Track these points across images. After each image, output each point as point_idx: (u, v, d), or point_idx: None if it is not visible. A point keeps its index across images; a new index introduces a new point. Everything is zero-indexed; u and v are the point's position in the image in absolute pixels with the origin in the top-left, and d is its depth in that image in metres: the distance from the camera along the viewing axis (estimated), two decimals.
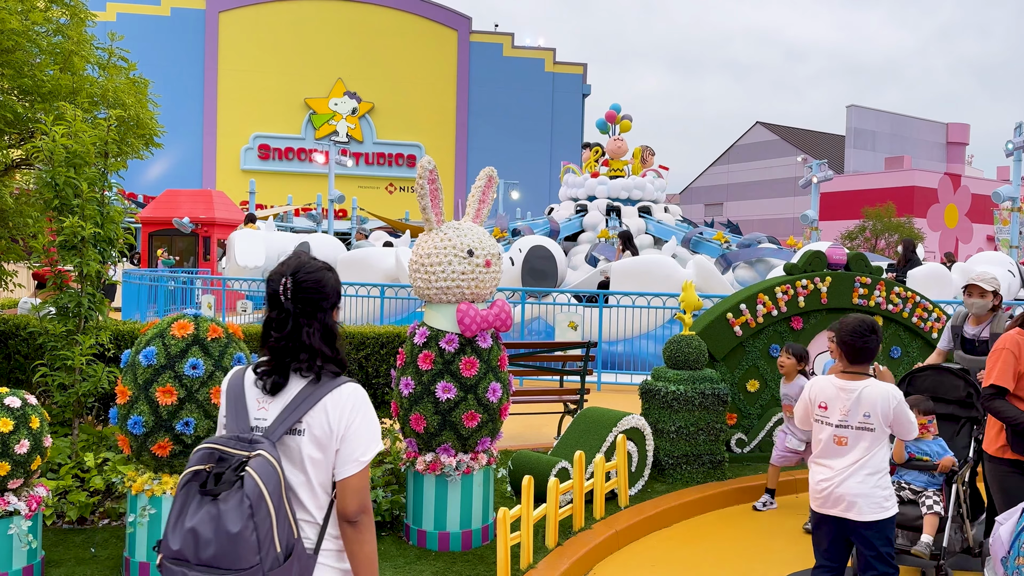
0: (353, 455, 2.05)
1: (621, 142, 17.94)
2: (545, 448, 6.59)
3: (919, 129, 49.12)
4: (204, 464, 1.96)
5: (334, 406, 2.05)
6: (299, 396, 2.07)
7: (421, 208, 4.48)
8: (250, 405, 2.12)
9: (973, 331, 5.20)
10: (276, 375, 2.09)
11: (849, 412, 3.55)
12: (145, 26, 38.07)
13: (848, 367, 3.64)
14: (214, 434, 2.63)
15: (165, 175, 37.31)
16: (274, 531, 1.91)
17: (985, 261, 15.19)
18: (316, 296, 2.12)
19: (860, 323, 3.60)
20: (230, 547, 1.86)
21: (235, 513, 1.87)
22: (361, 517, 2.07)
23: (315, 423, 2.04)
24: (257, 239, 15.39)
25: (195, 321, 4.18)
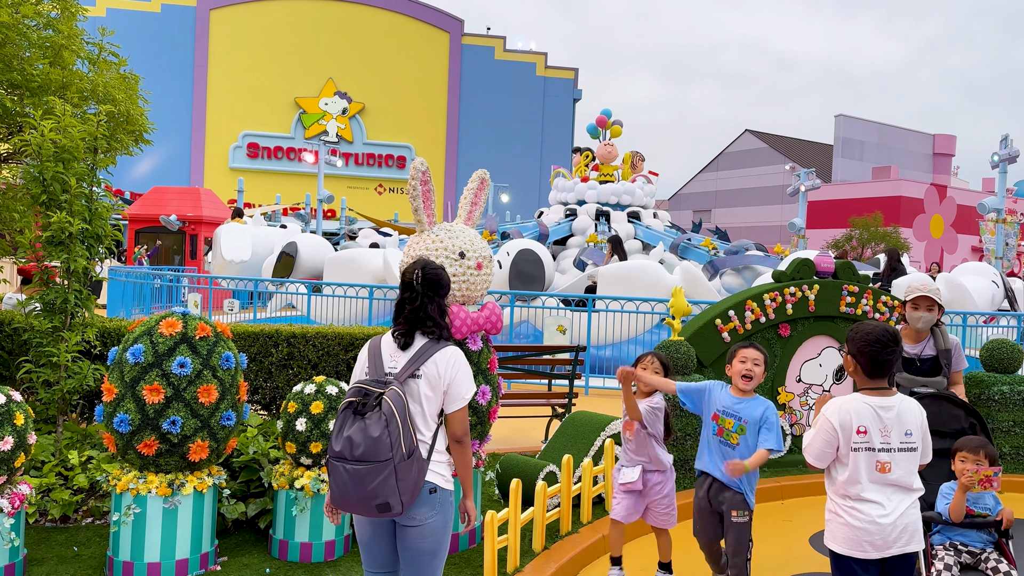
0: (459, 394, 3.01)
1: (611, 147, 17.99)
2: (533, 452, 6.58)
3: (906, 140, 49.52)
4: (356, 397, 2.89)
5: (442, 361, 2.99)
6: (419, 352, 3.00)
7: (413, 209, 4.47)
8: (384, 358, 3.05)
9: (914, 349, 4.84)
10: (406, 336, 3.04)
11: (891, 432, 3.13)
12: (135, 22, 37.86)
13: (868, 383, 3.20)
14: (202, 432, 4.06)
15: (153, 172, 37.10)
16: (401, 438, 2.81)
17: (969, 271, 15.29)
18: (436, 284, 3.09)
19: (882, 332, 3.16)
20: (373, 447, 2.79)
21: (376, 425, 2.80)
22: (463, 438, 3.05)
23: (428, 372, 2.98)
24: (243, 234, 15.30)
25: (183, 319, 4.15)
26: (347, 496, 2.85)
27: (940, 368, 4.82)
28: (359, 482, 2.81)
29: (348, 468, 2.82)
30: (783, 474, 6.69)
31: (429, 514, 2.95)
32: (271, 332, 5.69)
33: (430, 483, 2.95)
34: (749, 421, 3.98)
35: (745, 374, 4.03)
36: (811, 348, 7.10)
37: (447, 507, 3.03)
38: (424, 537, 2.96)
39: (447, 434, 3.05)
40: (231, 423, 4.23)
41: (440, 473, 3.01)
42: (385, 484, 2.80)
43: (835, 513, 3.20)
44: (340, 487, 2.85)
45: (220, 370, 4.15)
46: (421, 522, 2.94)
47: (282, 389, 5.70)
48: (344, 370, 5.74)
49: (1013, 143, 21.91)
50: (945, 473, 4.02)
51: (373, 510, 2.85)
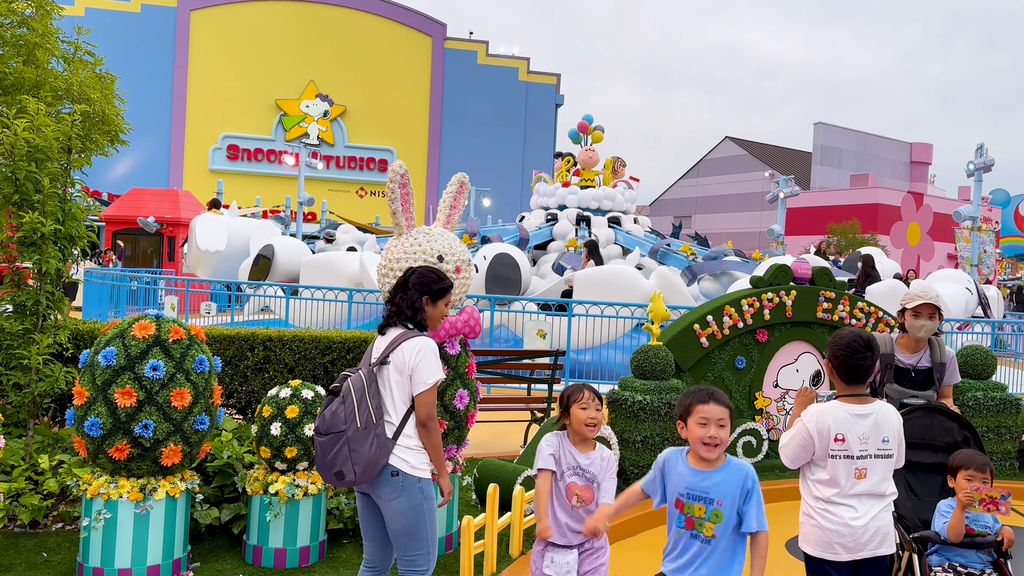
0: (421, 379, 3.26)
1: (592, 152, 18.05)
2: (511, 456, 6.56)
3: (884, 148, 50.08)
4: (340, 382, 3.29)
5: (408, 348, 3.29)
6: (392, 341, 3.34)
7: (391, 212, 4.45)
8: (374, 349, 3.41)
9: (910, 360, 4.53)
10: (385, 327, 3.44)
11: (868, 439, 3.17)
12: (114, 22, 37.50)
13: (845, 389, 3.26)
14: (175, 436, 4.03)
15: (131, 173, 36.73)
16: (356, 413, 3.18)
17: (943, 278, 15.44)
18: (419, 281, 3.46)
19: (856, 338, 3.21)
20: (331, 420, 3.19)
21: (338, 402, 3.21)
22: (428, 422, 3.28)
23: (395, 358, 3.29)
24: (219, 224, 15.13)
25: (157, 322, 4.10)
26: (320, 464, 3.24)
27: (933, 381, 4.57)
28: (322, 452, 3.20)
29: (317, 440, 3.24)
30: (761, 479, 6.70)
31: (392, 495, 3.21)
32: (247, 335, 5.64)
33: (392, 466, 3.22)
34: (725, 501, 2.91)
35: (707, 441, 2.89)
36: (788, 353, 7.15)
37: (413, 492, 3.24)
38: (395, 518, 3.25)
39: (415, 416, 3.30)
40: (204, 427, 4.18)
41: (404, 459, 3.25)
42: (339, 454, 3.16)
43: (808, 515, 3.25)
44: (316, 457, 3.26)
45: (194, 373, 4.10)
46: (387, 502, 3.23)
47: (258, 393, 5.64)
48: (321, 374, 5.69)
49: (988, 152, 22.21)
50: (938, 489, 3.90)
51: (332, 478, 3.20)
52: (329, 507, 4.81)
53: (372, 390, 3.25)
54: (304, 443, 4.38)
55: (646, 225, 18.14)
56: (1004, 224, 36.68)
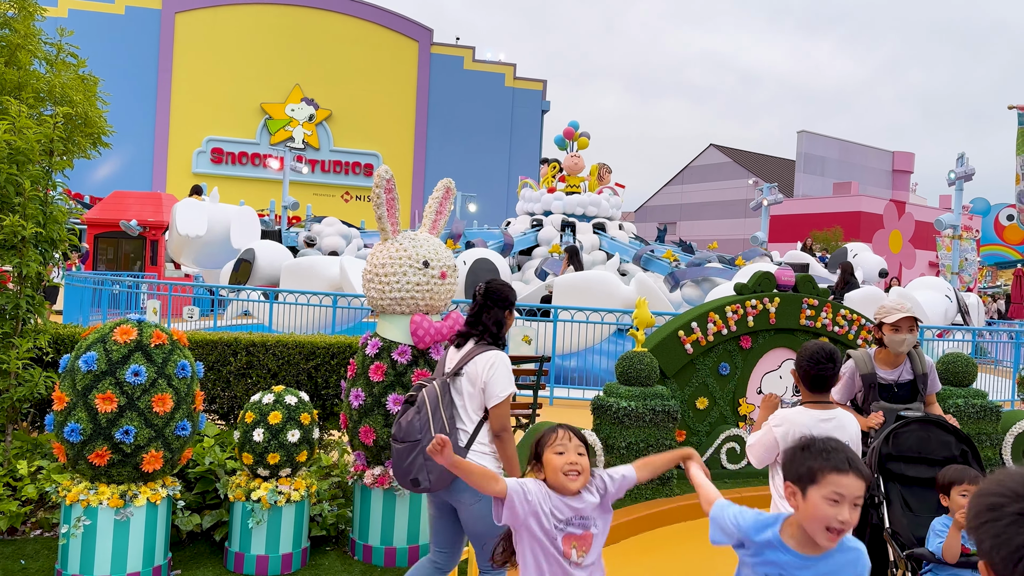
0: (494, 392, 3.36)
1: (578, 159, 18.09)
2: None
3: (866, 156, 50.52)
4: (413, 391, 3.49)
5: (482, 361, 3.41)
6: (466, 353, 3.47)
7: (377, 217, 4.43)
8: (448, 360, 3.57)
9: (891, 375, 4.36)
10: (461, 339, 3.55)
11: None
12: (98, 23, 37.22)
13: (810, 396, 3.50)
14: (156, 442, 3.98)
15: (113, 176, 36.43)
16: (430, 422, 3.32)
17: (923, 286, 15.53)
18: (496, 297, 3.56)
19: (818, 350, 3.46)
20: (408, 429, 3.35)
21: (412, 411, 3.36)
22: (502, 433, 3.39)
23: (469, 370, 3.42)
24: (200, 209, 15.03)
25: (138, 327, 4.07)
26: (395, 471, 3.41)
27: (918, 393, 4.39)
28: (399, 459, 3.35)
29: (395, 447, 3.40)
30: (744, 485, 6.74)
31: (472, 500, 3.30)
32: (230, 340, 5.60)
33: None
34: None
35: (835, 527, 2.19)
36: (772, 360, 7.18)
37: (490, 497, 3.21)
38: (475, 522, 3.35)
39: (489, 427, 3.41)
40: (186, 433, 4.14)
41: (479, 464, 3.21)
42: (414, 462, 3.29)
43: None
44: (392, 464, 3.43)
45: (175, 379, 4.06)
46: (467, 507, 3.34)
47: (240, 398, 5.60)
48: (304, 379, 5.66)
49: (969, 161, 22.45)
50: (935, 504, 3.73)
51: (408, 484, 3.35)
52: (312, 514, 4.78)
53: (446, 400, 3.40)
54: (287, 449, 4.35)
55: (631, 231, 18.20)
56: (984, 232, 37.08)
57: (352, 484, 4.75)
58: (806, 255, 18.02)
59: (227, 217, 15.85)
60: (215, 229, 15.29)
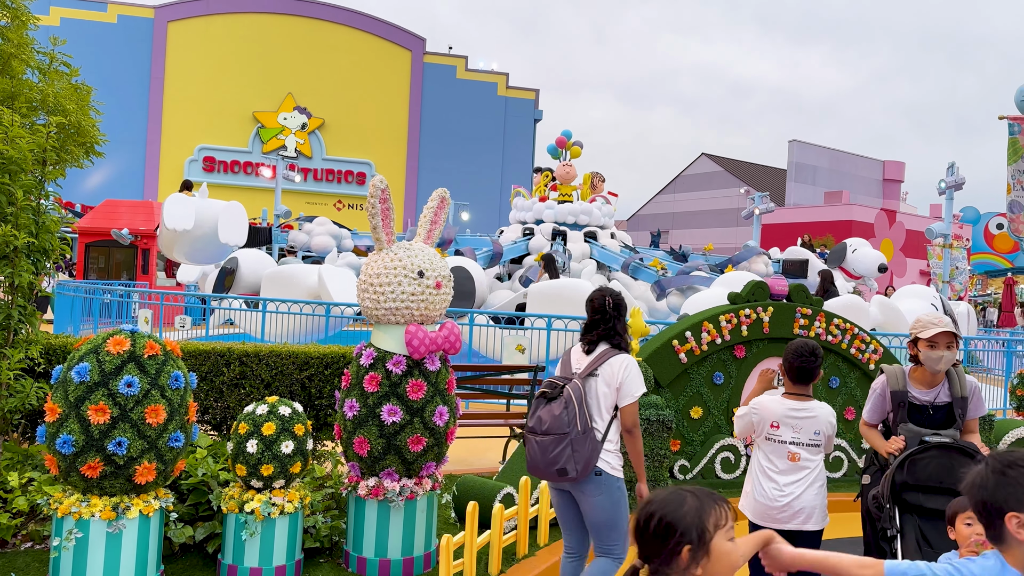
0: (629, 392, 3.72)
1: (570, 168, 18.13)
2: (491, 473, 6.52)
3: (857, 165, 50.77)
4: (547, 388, 3.74)
5: (616, 363, 3.74)
6: (598, 356, 3.78)
7: (372, 227, 4.43)
8: (572, 362, 3.86)
9: (926, 395, 3.94)
10: (592, 345, 3.84)
11: (801, 431, 3.80)
12: (90, 32, 37.14)
13: (792, 388, 3.87)
14: (149, 454, 3.96)
15: (105, 184, 36.31)
16: (577, 418, 3.60)
17: (910, 294, 15.47)
18: (621, 307, 3.89)
19: (803, 345, 3.83)
20: (555, 422, 3.60)
21: (558, 406, 3.63)
22: (633, 429, 3.74)
23: (604, 372, 3.73)
24: (188, 204, 15.08)
25: (132, 337, 4.04)
26: (536, 463, 3.65)
27: (955, 418, 3.91)
28: (544, 451, 3.61)
29: (537, 440, 3.64)
30: (739, 495, 6.72)
31: (596, 492, 3.65)
32: (223, 350, 5.57)
33: (597, 467, 3.65)
34: None
35: None
36: None
37: (613, 489, 3.70)
38: (596, 512, 3.68)
39: (620, 425, 3.75)
40: (179, 444, 4.11)
41: (607, 460, 3.69)
42: (563, 453, 3.57)
43: (750, 483, 3.93)
44: (531, 456, 3.68)
45: (169, 390, 4.03)
46: (590, 498, 3.66)
47: (233, 409, 5.57)
48: (298, 389, 5.63)
49: (959, 171, 22.59)
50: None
51: (554, 475, 3.61)
52: (306, 525, 4.75)
53: (585, 398, 3.70)
54: (281, 460, 4.32)
55: (626, 240, 18.21)
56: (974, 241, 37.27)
57: (346, 495, 4.72)
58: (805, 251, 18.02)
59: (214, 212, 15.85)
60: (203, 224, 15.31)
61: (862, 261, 17.58)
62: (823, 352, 3.91)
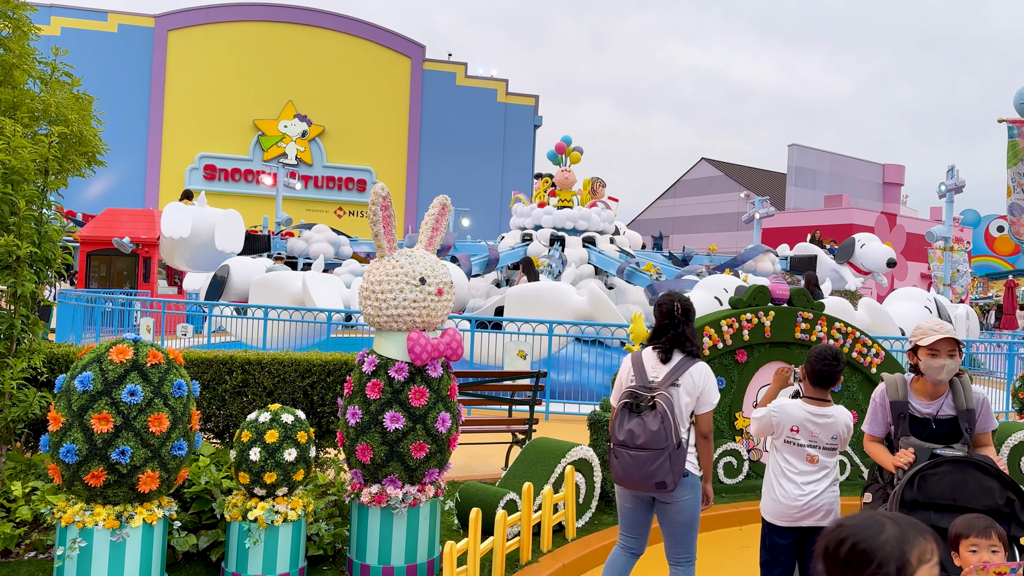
0: (708, 400, 3.86)
1: (569, 173, 18.16)
2: (493, 479, 6.52)
3: (857, 169, 50.79)
4: (630, 399, 3.76)
5: (697, 373, 3.84)
6: (677, 365, 3.83)
7: (373, 234, 4.44)
8: (647, 369, 3.87)
9: (928, 408, 3.66)
10: (667, 353, 3.87)
11: (819, 436, 3.87)
12: (91, 42, 37.26)
13: (812, 391, 3.92)
14: (152, 462, 3.95)
15: (106, 193, 36.37)
16: (672, 431, 3.65)
17: (902, 297, 15.15)
18: (690, 312, 3.93)
19: (826, 350, 3.88)
20: (652, 437, 3.64)
21: (653, 421, 3.65)
22: (708, 435, 3.88)
23: (686, 382, 3.80)
24: (185, 212, 15.39)
25: (134, 346, 4.05)
26: (630, 476, 3.71)
27: (960, 432, 3.60)
28: (641, 465, 3.66)
29: (631, 454, 3.68)
30: (741, 499, 6.73)
31: (684, 494, 3.78)
32: (225, 358, 5.57)
33: (685, 469, 3.77)
34: None
35: None
36: (767, 374, 7.18)
37: (696, 488, 3.85)
38: (681, 512, 3.81)
39: (696, 431, 3.89)
40: (183, 453, 4.12)
41: (691, 462, 3.83)
42: (662, 467, 3.64)
43: (769, 485, 3.95)
44: (624, 469, 3.72)
45: (172, 398, 4.04)
46: (679, 500, 3.77)
47: (236, 417, 5.57)
48: (301, 397, 5.63)
49: (959, 174, 22.61)
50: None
51: (652, 487, 3.70)
52: (309, 533, 4.75)
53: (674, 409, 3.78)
54: (284, 468, 4.33)
55: (626, 244, 18.13)
56: (975, 244, 37.25)
57: (349, 502, 4.73)
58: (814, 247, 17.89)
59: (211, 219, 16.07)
60: (201, 232, 15.53)
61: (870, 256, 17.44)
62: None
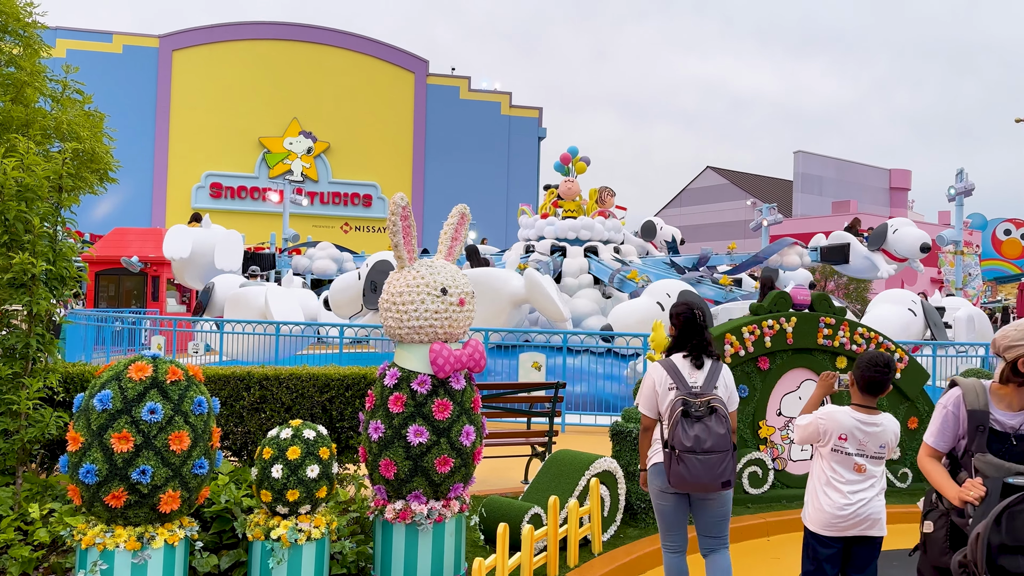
0: (736, 399, 4.22)
1: (572, 183, 18.14)
2: (514, 492, 6.41)
3: (863, 174, 50.69)
4: (681, 407, 3.95)
5: (727, 376, 4.20)
6: (711, 370, 4.14)
7: (393, 245, 4.36)
8: (685, 376, 4.09)
9: (1013, 419, 3.05)
10: (699, 359, 4.14)
11: (867, 445, 3.82)
12: (96, 63, 37.48)
13: (860, 399, 3.86)
14: (173, 482, 3.84)
15: (113, 213, 36.49)
16: (730, 433, 3.98)
17: (887, 299, 14.65)
18: (710, 318, 4.54)
19: (877, 357, 3.81)
20: (720, 441, 3.90)
21: (719, 425, 3.93)
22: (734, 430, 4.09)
23: (720, 385, 4.12)
24: (185, 234, 15.83)
25: (154, 363, 3.97)
26: (699, 479, 3.89)
27: None
28: (710, 467, 3.87)
29: (700, 458, 3.87)
30: (767, 510, 6.61)
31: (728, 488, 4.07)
32: (242, 375, 5.49)
33: None
34: None
35: None
36: (790, 381, 7.08)
37: None
38: (725, 503, 4.14)
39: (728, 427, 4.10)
40: (204, 471, 4.03)
41: None
42: (727, 467, 3.92)
43: (813, 493, 3.90)
44: (692, 473, 3.89)
45: (192, 416, 3.96)
46: (725, 494, 4.09)
47: (254, 434, 5.49)
48: (319, 412, 5.55)
49: (968, 177, 22.49)
50: None
51: (718, 486, 3.94)
52: (332, 551, 4.65)
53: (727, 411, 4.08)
54: (307, 485, 4.23)
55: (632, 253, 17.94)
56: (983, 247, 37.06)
57: (372, 519, 4.62)
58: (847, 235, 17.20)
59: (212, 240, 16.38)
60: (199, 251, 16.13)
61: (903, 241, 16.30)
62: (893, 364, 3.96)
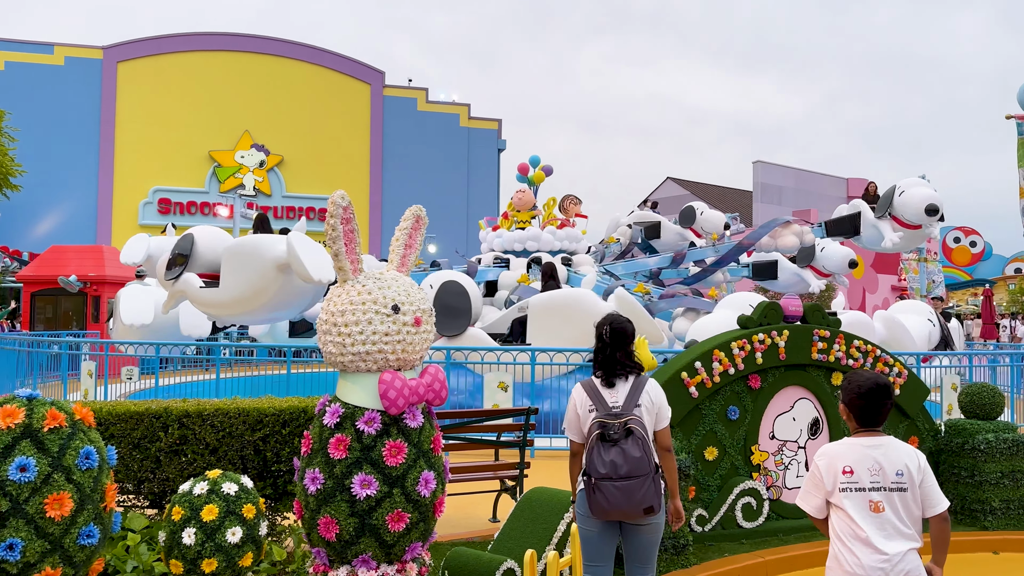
0: (665, 415, 3.84)
1: (525, 193, 17.65)
2: (481, 536, 5.64)
3: (821, 184, 51.04)
4: (602, 429, 3.65)
5: (652, 391, 3.82)
6: (633, 387, 3.78)
7: (333, 253, 3.59)
8: (605, 396, 3.75)
9: None
10: (608, 378, 3.80)
11: (880, 471, 3.08)
12: (37, 75, 35.98)
13: (858, 431, 3.20)
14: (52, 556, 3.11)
15: (55, 231, 34.90)
16: (652, 455, 3.69)
17: (905, 310, 14.86)
18: (622, 334, 3.83)
19: (866, 381, 3.16)
20: (636, 464, 3.60)
21: (634, 448, 3.62)
22: (671, 447, 3.86)
23: (645, 401, 3.76)
24: (145, 296, 13.92)
25: (28, 405, 3.14)
26: (618, 507, 3.59)
27: None
28: (629, 494, 3.57)
29: (617, 485, 3.57)
30: (764, 546, 5.94)
31: (662, 518, 3.77)
32: (158, 411, 4.64)
33: None
34: None
35: None
36: (784, 400, 6.44)
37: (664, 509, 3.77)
38: (656, 531, 3.77)
39: (658, 447, 3.81)
40: (93, 541, 3.20)
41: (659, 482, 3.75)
42: (648, 492, 3.59)
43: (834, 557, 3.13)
44: (611, 501, 3.58)
45: (77, 472, 3.14)
46: (656, 521, 3.72)
47: (174, 480, 4.64)
48: (251, 454, 4.72)
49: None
50: None
51: (640, 513, 3.62)
52: None
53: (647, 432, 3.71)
54: (227, 552, 3.42)
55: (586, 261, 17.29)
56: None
57: None
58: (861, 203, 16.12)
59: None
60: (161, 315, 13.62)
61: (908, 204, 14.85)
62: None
